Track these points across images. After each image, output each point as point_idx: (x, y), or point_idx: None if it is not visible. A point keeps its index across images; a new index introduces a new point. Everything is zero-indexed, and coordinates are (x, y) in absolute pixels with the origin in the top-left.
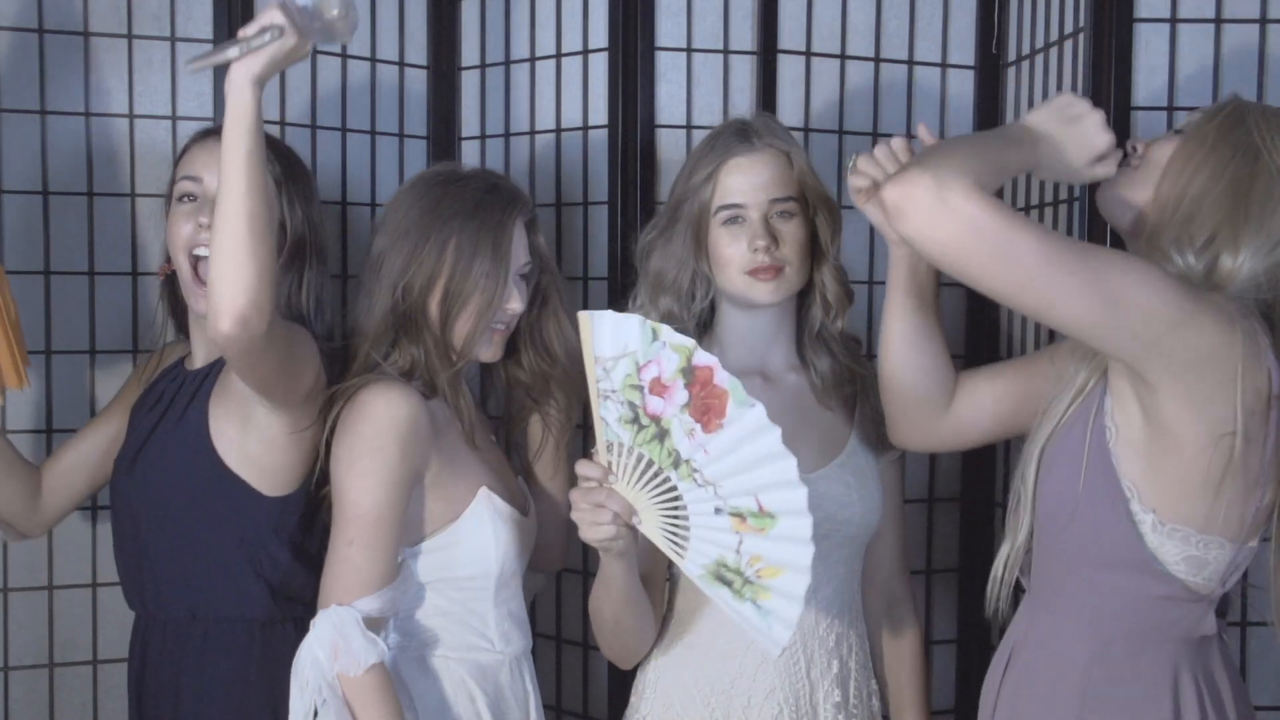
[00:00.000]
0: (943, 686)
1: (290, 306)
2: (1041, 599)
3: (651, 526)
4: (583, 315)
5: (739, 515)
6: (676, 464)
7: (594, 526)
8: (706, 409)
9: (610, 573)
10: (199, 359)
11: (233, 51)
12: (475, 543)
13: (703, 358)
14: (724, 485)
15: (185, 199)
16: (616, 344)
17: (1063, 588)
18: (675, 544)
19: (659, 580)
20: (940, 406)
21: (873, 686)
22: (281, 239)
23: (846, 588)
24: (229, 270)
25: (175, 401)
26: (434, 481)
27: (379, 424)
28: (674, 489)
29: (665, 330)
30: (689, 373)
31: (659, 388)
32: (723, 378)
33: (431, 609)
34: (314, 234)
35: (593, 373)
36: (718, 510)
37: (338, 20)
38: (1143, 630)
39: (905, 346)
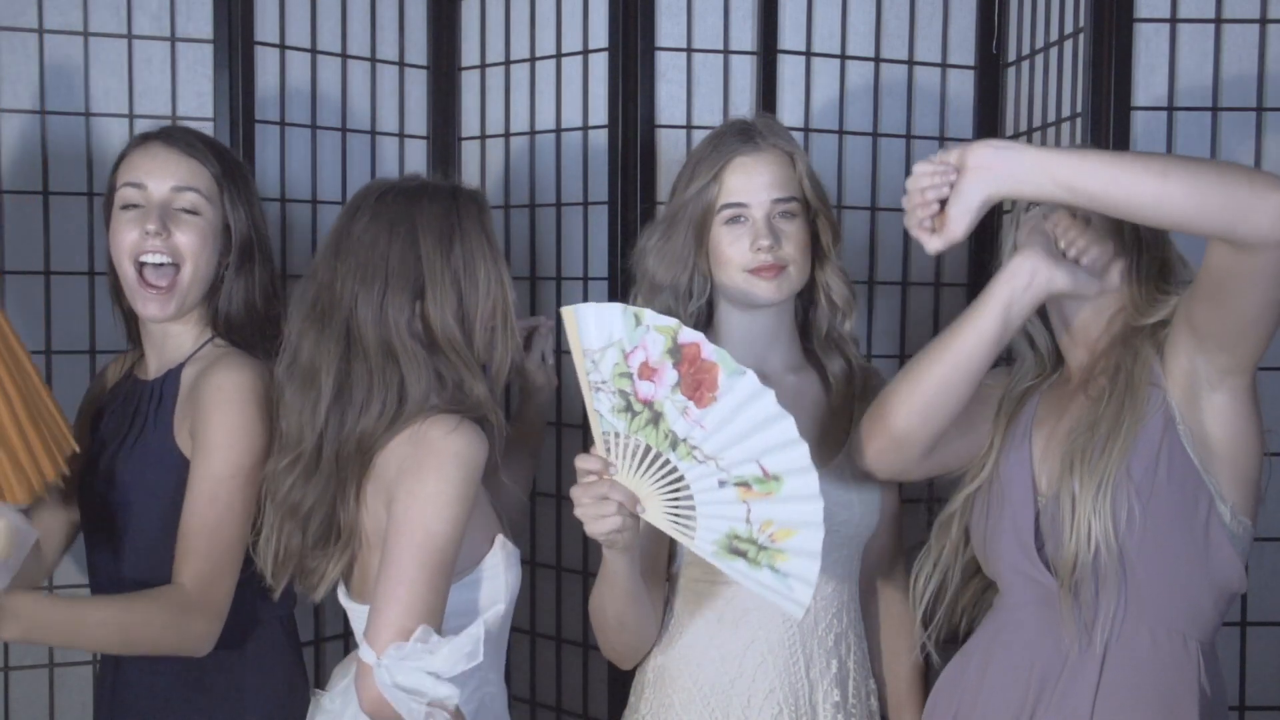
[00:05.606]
0: None
1: (246, 306)
2: (1119, 616)
3: (656, 513)
4: (565, 310)
5: (744, 484)
6: (674, 445)
7: (599, 520)
8: (698, 384)
9: (614, 569)
10: (152, 368)
11: None
12: (487, 596)
13: (688, 335)
14: (724, 457)
15: (129, 206)
16: (601, 334)
17: (1165, 603)
18: (682, 526)
19: (659, 578)
20: (932, 448)
21: (871, 686)
22: (227, 241)
23: (845, 588)
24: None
25: (137, 414)
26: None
27: (466, 469)
28: (674, 471)
29: (648, 314)
30: (676, 352)
31: (648, 371)
32: (710, 350)
33: None
34: (258, 233)
35: (582, 366)
36: (721, 483)
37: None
38: (1216, 628)
39: (963, 388)
